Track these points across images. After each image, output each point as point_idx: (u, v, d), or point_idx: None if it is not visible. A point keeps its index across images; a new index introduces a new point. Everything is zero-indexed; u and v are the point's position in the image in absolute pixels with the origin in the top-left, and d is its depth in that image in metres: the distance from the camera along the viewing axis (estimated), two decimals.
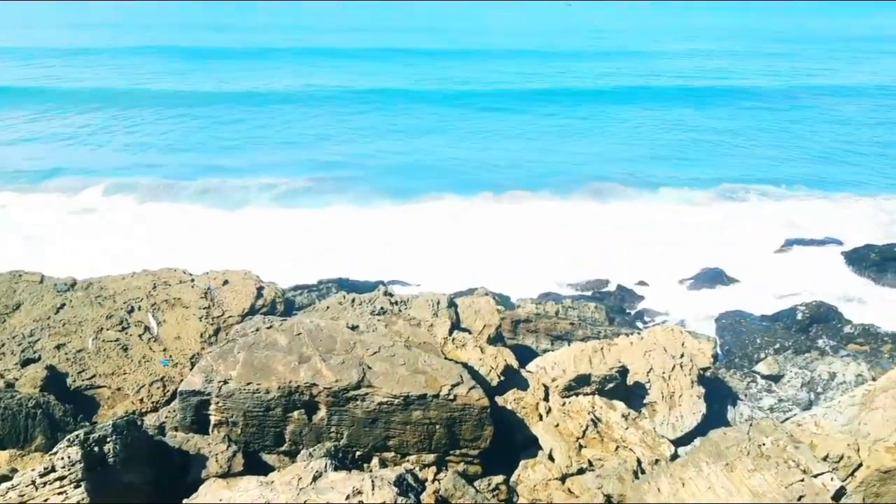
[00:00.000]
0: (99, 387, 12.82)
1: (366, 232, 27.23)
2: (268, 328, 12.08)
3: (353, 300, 14.08)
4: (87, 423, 10.99)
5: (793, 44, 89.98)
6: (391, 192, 31.76)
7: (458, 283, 20.56)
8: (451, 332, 13.24)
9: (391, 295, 14.24)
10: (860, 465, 10.44)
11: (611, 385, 12.85)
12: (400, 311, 13.87)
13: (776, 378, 16.96)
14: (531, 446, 11.72)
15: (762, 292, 22.33)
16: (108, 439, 8.69)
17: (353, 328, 12.21)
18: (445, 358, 12.12)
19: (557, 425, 11.97)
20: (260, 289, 14.86)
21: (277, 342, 11.75)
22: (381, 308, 13.81)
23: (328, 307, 14.10)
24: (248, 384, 10.81)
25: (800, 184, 33.89)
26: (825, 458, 10.42)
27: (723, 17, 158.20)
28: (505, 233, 27.16)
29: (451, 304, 14.16)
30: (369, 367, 11.27)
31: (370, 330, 12.29)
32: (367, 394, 10.92)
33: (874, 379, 15.07)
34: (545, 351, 15.52)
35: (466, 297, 15.04)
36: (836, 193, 32.70)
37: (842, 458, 10.41)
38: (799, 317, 20.67)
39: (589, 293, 21.98)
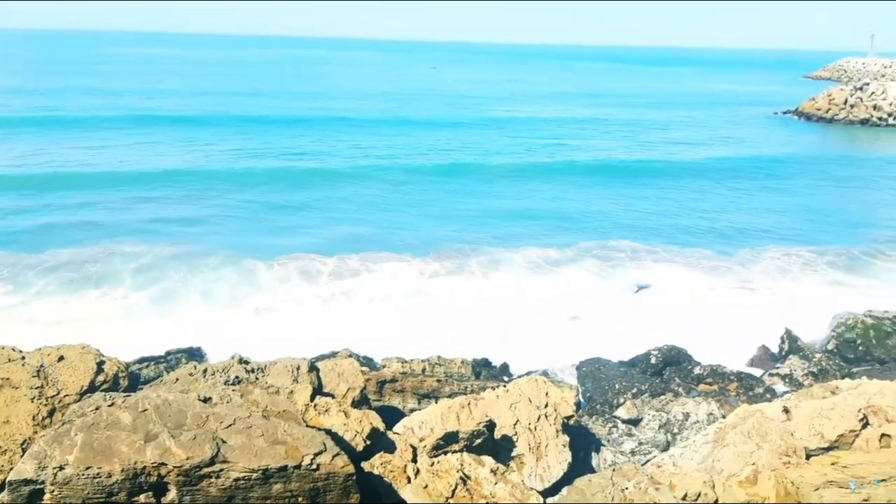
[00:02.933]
0: None
1: (219, 295, 26.14)
2: (109, 406, 11.06)
3: (205, 370, 13.25)
4: None
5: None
6: (249, 253, 30.76)
7: (321, 346, 20.06)
8: (312, 398, 12.68)
9: (247, 362, 13.53)
10: (716, 501, 10.76)
11: (479, 440, 12.71)
12: (257, 379, 13.19)
13: (635, 422, 17.45)
14: None
15: (619, 338, 23.17)
16: None
17: (206, 400, 11.43)
18: (307, 426, 11.55)
19: (426, 486, 11.63)
20: (100, 363, 13.68)
21: (120, 420, 10.77)
22: (236, 377, 13.07)
23: (177, 379, 13.18)
24: (88, 468, 9.78)
25: (656, 240, 36.05)
26: (684, 498, 10.68)
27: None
28: (368, 293, 26.96)
29: (313, 368, 13.64)
30: (224, 441, 10.52)
31: (224, 401, 11.54)
32: (222, 470, 10.16)
33: (724, 416, 15.84)
34: (412, 410, 15.21)
35: (329, 361, 14.56)
36: (687, 248, 35.04)
37: (699, 495, 10.70)
38: (653, 360, 21.54)
39: (455, 348, 21.95)
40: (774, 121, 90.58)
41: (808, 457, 12.41)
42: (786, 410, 13.88)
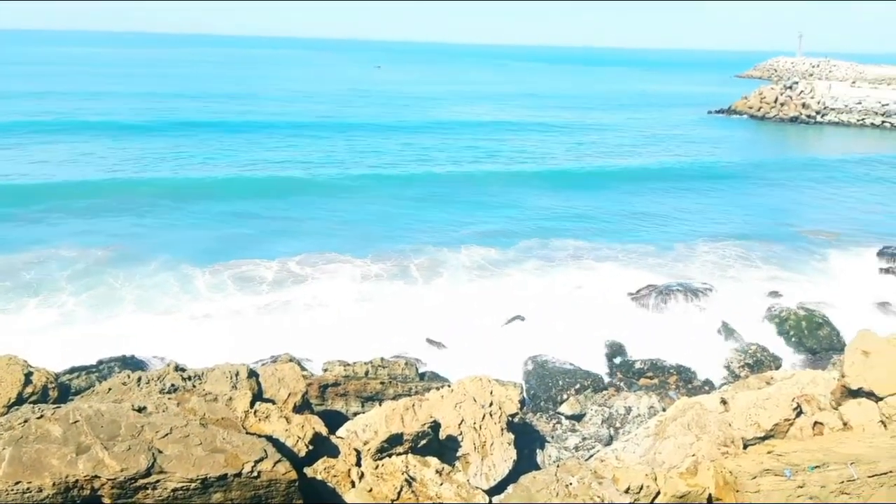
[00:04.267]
0: None
1: (155, 301, 25.46)
2: (38, 418, 10.60)
3: (140, 379, 12.83)
4: None
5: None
6: (187, 259, 30.03)
7: (261, 351, 19.69)
8: (252, 405, 12.39)
9: (183, 370, 13.15)
10: (658, 492, 10.91)
11: (424, 442, 12.64)
12: (194, 386, 12.83)
13: (579, 417, 17.65)
14: None
15: (562, 336, 23.38)
16: None
17: (140, 410, 11.06)
18: (247, 433, 11.29)
19: (371, 490, 11.50)
20: (28, 374, 13.13)
21: (50, 433, 10.34)
22: (172, 385, 12.69)
23: (110, 389, 12.73)
24: (17, 484, 9.37)
25: (598, 238, 36.54)
26: (627, 491, 10.79)
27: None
28: (309, 296, 26.62)
29: (252, 374, 13.34)
30: (160, 451, 10.20)
31: (160, 410, 11.19)
32: (158, 480, 9.84)
33: (664, 409, 16.12)
34: (356, 414, 15.04)
35: (269, 366, 14.27)
36: (629, 244, 35.66)
37: (642, 488, 10.83)
38: (595, 356, 21.86)
39: (398, 350, 21.85)
40: (708, 120, 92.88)
41: (745, 446, 12.71)
42: (723, 402, 14.20)
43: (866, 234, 37.90)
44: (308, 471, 11.62)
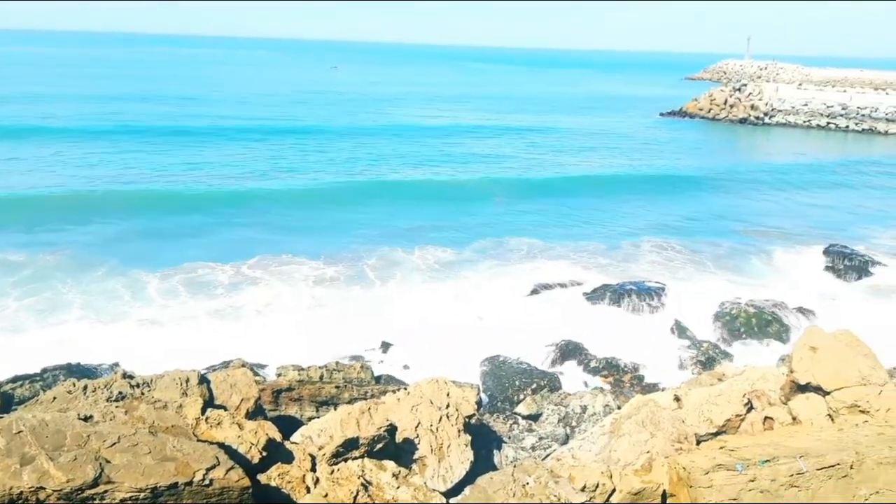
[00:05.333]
0: None
1: (103, 306, 24.83)
2: None
3: (86, 387, 12.44)
4: None
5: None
6: (136, 263, 29.35)
7: (212, 357, 19.33)
8: (203, 411, 12.13)
9: (131, 377, 12.80)
10: (614, 490, 10.98)
11: (380, 445, 12.51)
12: (142, 393, 12.50)
13: (535, 417, 17.70)
14: None
15: (518, 336, 23.46)
16: None
17: (87, 419, 10.74)
18: (199, 440, 11.05)
19: (326, 495, 11.35)
20: None
21: None
22: (120, 393, 12.34)
23: (55, 398, 12.33)
24: None
25: (550, 237, 36.77)
26: (583, 489, 10.84)
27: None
28: (262, 300, 26.25)
29: (203, 380, 13.05)
30: (108, 461, 9.91)
31: (107, 419, 10.89)
32: (106, 491, 9.56)
33: (619, 407, 16.26)
34: (311, 419, 14.83)
35: (220, 372, 13.97)
36: (580, 242, 36.05)
37: (597, 486, 10.89)
38: (551, 356, 21.98)
39: (353, 353, 21.67)
40: (660, 122, 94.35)
41: (698, 442, 12.86)
42: (677, 399, 14.37)
43: (812, 233, 38.94)
44: (262, 477, 11.41)
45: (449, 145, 65.73)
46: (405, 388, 15.12)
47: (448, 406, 14.27)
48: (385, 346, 22.56)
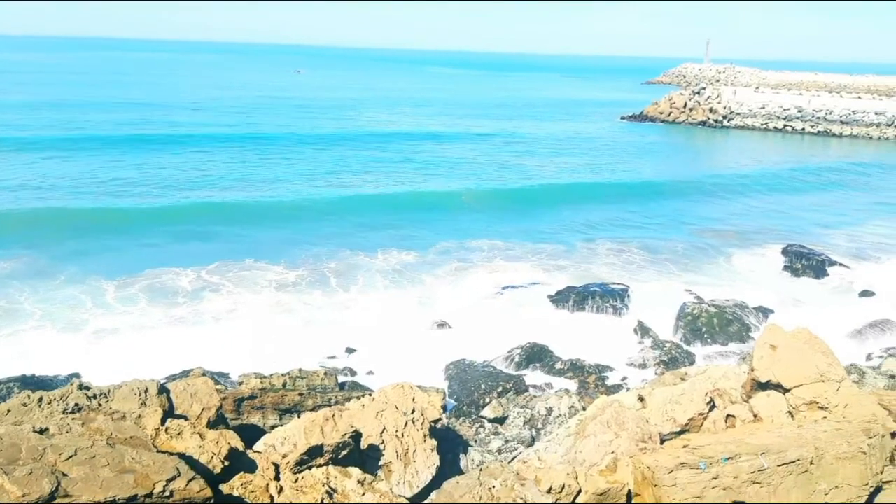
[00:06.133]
0: None
1: (58, 316, 24.24)
2: None
3: (41, 399, 12.10)
4: None
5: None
6: (95, 270, 28.72)
7: (171, 366, 18.96)
8: (163, 422, 11.88)
9: (87, 388, 12.48)
10: (580, 491, 11.00)
11: (344, 452, 12.38)
12: (100, 405, 12.20)
13: (501, 420, 17.70)
14: None
15: (483, 339, 23.46)
16: None
17: (42, 431, 10.45)
18: (158, 451, 10.81)
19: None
20: None
21: None
22: (76, 405, 12.03)
23: (9, 411, 11.96)
24: None
25: (510, 239, 36.85)
26: (549, 491, 10.84)
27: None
28: (222, 307, 25.89)
29: (163, 390, 12.78)
30: (64, 475, 9.67)
31: (63, 431, 10.60)
32: None
33: (584, 409, 16.33)
34: (274, 427, 14.62)
35: (180, 381, 13.69)
36: (540, 244, 36.11)
37: (563, 487, 10.90)
38: (516, 359, 22.01)
39: (317, 360, 21.45)
40: (621, 125, 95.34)
41: (662, 441, 12.96)
42: (641, 399, 14.48)
43: (770, 234, 39.70)
44: (224, 487, 11.21)
45: (411, 151, 65.35)
46: (370, 394, 15.02)
47: (413, 411, 14.18)
48: (349, 352, 22.39)
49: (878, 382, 19.18)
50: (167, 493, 9.71)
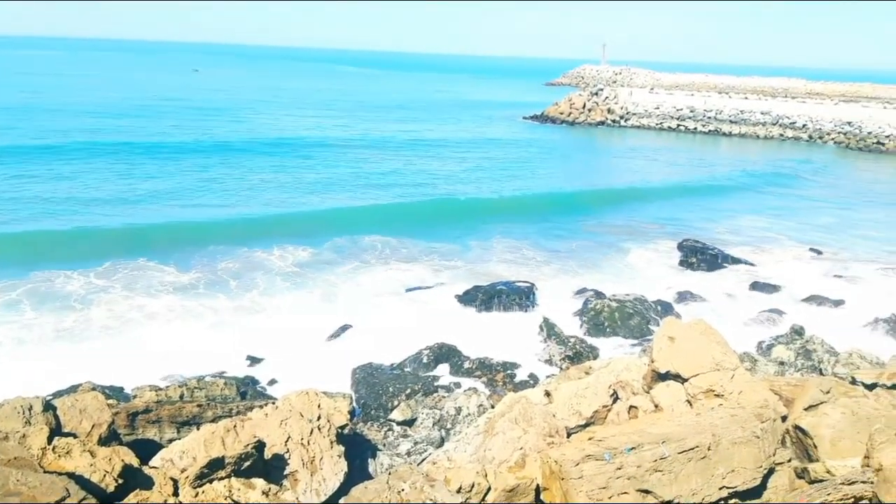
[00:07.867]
0: None
1: None
2: None
3: None
4: None
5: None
6: None
7: (57, 380, 17.82)
8: (50, 441, 11.15)
9: None
10: (489, 489, 11.00)
11: (247, 463, 11.95)
12: None
13: (410, 422, 17.56)
14: None
15: (390, 340, 23.25)
16: None
17: None
18: (45, 471, 10.14)
19: None
20: None
21: None
22: None
23: None
24: None
25: (403, 235, 36.77)
26: (459, 490, 10.78)
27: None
28: (115, 313, 24.62)
29: (49, 407, 12.01)
30: None
31: None
32: None
33: (493, 406, 16.39)
34: (171, 441, 13.98)
35: (68, 397, 12.89)
36: (434, 242, 36.37)
37: (473, 486, 10.87)
38: (424, 360, 21.92)
39: (216, 369, 20.66)
40: (522, 126, 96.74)
41: (569, 435, 13.15)
42: (547, 394, 14.65)
43: (664, 230, 41.16)
44: None
45: (309, 156, 62.99)
46: (273, 403, 14.57)
47: (319, 418, 13.85)
48: (251, 360, 21.72)
49: (769, 369, 20.16)
50: None
